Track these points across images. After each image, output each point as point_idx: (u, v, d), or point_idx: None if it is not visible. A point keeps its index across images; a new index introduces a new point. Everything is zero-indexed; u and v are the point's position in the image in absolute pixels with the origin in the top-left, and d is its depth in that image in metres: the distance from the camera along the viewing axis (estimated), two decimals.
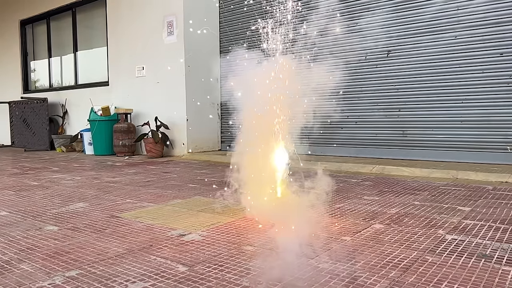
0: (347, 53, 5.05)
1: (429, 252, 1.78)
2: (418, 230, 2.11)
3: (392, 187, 3.33)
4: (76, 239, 2.05)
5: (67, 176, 4.30)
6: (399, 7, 4.73)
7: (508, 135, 4.13)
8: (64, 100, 8.19)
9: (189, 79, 6.13)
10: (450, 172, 3.78)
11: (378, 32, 4.83)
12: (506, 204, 2.67)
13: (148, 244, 1.94)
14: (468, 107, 4.36)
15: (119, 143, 6.41)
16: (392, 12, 4.78)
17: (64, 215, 2.58)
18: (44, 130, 8.04)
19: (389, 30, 4.78)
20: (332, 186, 3.36)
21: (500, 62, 4.16)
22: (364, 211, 2.55)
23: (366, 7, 4.94)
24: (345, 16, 5.06)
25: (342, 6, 5.07)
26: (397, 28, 4.74)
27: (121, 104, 6.94)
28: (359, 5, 4.99)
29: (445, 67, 4.47)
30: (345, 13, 5.07)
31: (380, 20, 4.83)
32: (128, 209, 2.73)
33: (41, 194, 3.29)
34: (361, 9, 4.96)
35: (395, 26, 4.74)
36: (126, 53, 6.96)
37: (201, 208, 2.69)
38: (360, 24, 4.93)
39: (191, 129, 6.15)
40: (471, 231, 2.08)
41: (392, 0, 4.78)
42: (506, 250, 1.79)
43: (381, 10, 4.84)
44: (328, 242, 1.93)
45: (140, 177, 4.18)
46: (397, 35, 4.74)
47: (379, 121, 4.97)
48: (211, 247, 1.89)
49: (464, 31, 4.33)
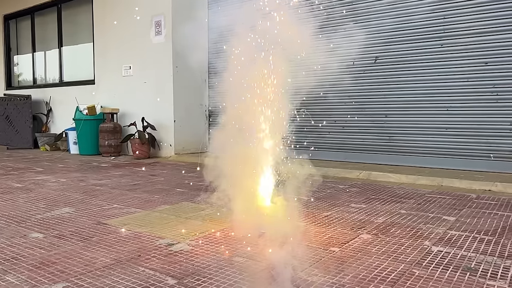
0: (335, 58, 5.08)
1: (416, 264, 1.81)
2: (405, 241, 2.14)
3: (379, 195, 3.37)
4: (62, 247, 2.01)
5: (52, 178, 4.23)
6: (387, 13, 4.77)
7: (492, 143, 4.22)
8: (49, 97, 8.04)
9: (177, 79, 6.09)
10: (436, 180, 3.84)
11: (366, 38, 4.87)
12: (489, 214, 2.72)
13: (136, 254, 1.92)
14: (453, 114, 4.44)
15: (105, 143, 6.33)
16: (380, 19, 4.82)
17: (50, 221, 2.54)
18: (28, 128, 7.88)
19: (377, 36, 4.82)
20: (320, 192, 3.40)
21: (484, 71, 4.24)
22: (352, 220, 2.57)
23: (355, 13, 4.97)
24: (333, 21, 5.09)
25: (330, 11, 5.10)
26: (385, 34, 4.78)
27: (107, 103, 6.85)
28: (347, 11, 5.02)
29: (431, 74, 4.54)
30: (332, 18, 5.10)
31: (368, 26, 4.87)
32: (115, 215, 2.70)
33: (25, 198, 3.23)
34: (349, 15, 5.00)
35: (383, 32, 4.79)
36: (113, 52, 6.87)
37: (189, 215, 2.68)
38: (348, 30, 4.97)
39: (178, 130, 6.11)
40: (456, 242, 2.12)
41: (381, 7, 4.83)
42: (490, 264, 1.83)
43: (370, 17, 4.88)
44: (317, 253, 1.94)
45: (126, 180, 4.14)
46: (385, 42, 4.79)
47: (366, 127, 5.02)
48: (200, 258, 1.88)
49: (450, 39, 4.40)
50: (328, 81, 4.97)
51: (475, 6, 4.25)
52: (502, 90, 4.16)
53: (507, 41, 4.10)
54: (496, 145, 4.21)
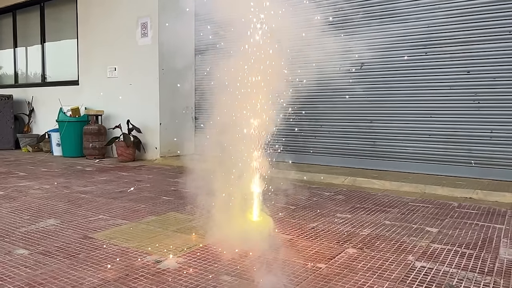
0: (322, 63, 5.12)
1: (400, 282, 1.85)
2: (389, 255, 2.19)
3: (364, 203, 3.43)
4: (49, 266, 2.00)
5: (35, 184, 4.17)
6: (374, 20, 4.82)
7: (473, 150, 4.32)
8: (31, 97, 7.89)
9: (163, 82, 6.04)
10: (419, 186, 3.92)
11: (353, 45, 4.91)
12: (470, 224, 2.80)
13: (124, 273, 1.92)
14: (435, 121, 4.53)
15: (89, 146, 6.26)
16: (366, 26, 4.87)
17: (34, 234, 2.51)
18: (9, 129, 7.72)
19: (364, 42, 4.87)
20: (306, 201, 3.43)
21: (467, 80, 4.34)
22: (337, 232, 2.61)
23: (342, 19, 5.01)
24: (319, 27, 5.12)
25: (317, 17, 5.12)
26: (371, 41, 4.84)
27: (91, 105, 6.76)
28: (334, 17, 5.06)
29: (415, 81, 4.62)
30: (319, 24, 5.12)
31: (354, 32, 4.92)
32: (101, 227, 2.68)
33: (8, 208, 3.18)
34: (336, 21, 5.03)
35: (370, 39, 4.84)
36: (97, 52, 6.77)
37: (176, 228, 2.68)
38: (335, 36, 5.00)
39: (164, 132, 6.07)
40: (439, 257, 2.18)
41: (367, 14, 4.88)
42: (471, 280, 1.88)
43: (356, 23, 4.93)
44: (304, 270, 1.97)
45: (112, 186, 4.10)
46: (371, 48, 4.84)
47: (351, 132, 5.08)
48: (188, 277, 1.89)
49: (435, 48, 4.48)
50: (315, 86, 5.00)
51: (459, 15, 4.33)
52: (483, 98, 4.26)
53: (489, 50, 4.19)
54: (477, 152, 4.31)
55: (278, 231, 2.59)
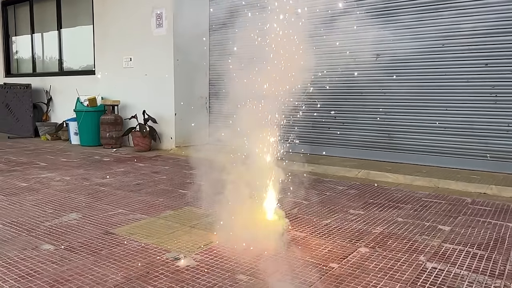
0: (337, 54, 5.09)
1: (411, 284, 1.90)
2: (401, 255, 2.24)
3: (377, 198, 3.46)
4: (74, 262, 2.10)
5: (56, 176, 4.30)
6: (390, 11, 4.76)
7: (489, 143, 4.29)
8: (49, 86, 8.04)
9: (178, 72, 6.09)
10: (432, 181, 3.93)
11: (368, 36, 4.87)
12: (483, 223, 2.82)
13: (144, 271, 2.01)
14: (452, 114, 4.49)
15: (106, 135, 6.39)
16: (383, 16, 4.81)
17: (58, 229, 2.63)
18: (28, 117, 7.90)
19: (380, 34, 4.82)
20: (320, 195, 3.49)
21: (484, 72, 4.28)
22: (350, 229, 2.66)
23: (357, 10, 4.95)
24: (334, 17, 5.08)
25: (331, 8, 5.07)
26: (387, 32, 4.78)
27: (107, 94, 6.86)
28: (349, 7, 5.00)
29: (431, 74, 4.57)
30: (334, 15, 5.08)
31: (370, 23, 4.87)
32: (121, 222, 2.78)
33: (31, 201, 3.31)
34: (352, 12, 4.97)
35: (386, 30, 4.78)
36: (113, 43, 6.84)
37: (193, 223, 2.76)
38: (350, 27, 4.96)
39: (179, 122, 6.15)
40: (450, 258, 2.21)
41: (383, 5, 4.81)
42: (481, 284, 1.92)
43: (372, 14, 4.87)
44: (317, 270, 2.03)
45: (129, 178, 4.21)
46: (387, 39, 4.79)
47: (366, 123, 5.08)
48: (205, 275, 1.97)
49: (452, 39, 4.42)
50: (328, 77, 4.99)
51: (478, 7, 4.25)
52: (501, 91, 4.20)
53: (508, 43, 4.12)
54: (492, 146, 4.28)
55: (292, 228, 2.65)
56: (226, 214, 2.50)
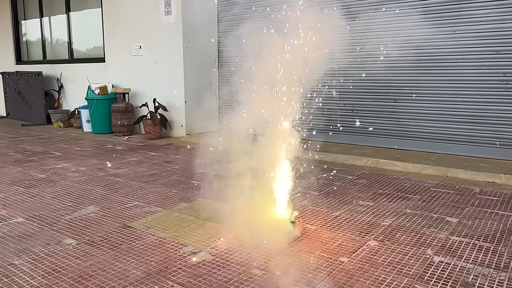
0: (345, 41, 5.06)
1: (418, 279, 1.98)
2: (409, 249, 2.31)
3: (386, 188, 3.52)
4: (96, 257, 2.22)
5: (72, 166, 4.42)
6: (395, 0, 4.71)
7: (499, 131, 4.30)
8: (59, 74, 8.12)
9: (187, 60, 6.12)
10: (441, 170, 3.97)
11: (377, 22, 4.83)
12: (490, 214, 2.88)
13: (163, 266, 2.12)
14: (462, 101, 4.49)
15: (118, 123, 6.48)
16: (391, 2, 4.77)
17: (78, 222, 2.74)
18: (40, 104, 8.03)
19: (388, 20, 4.78)
20: (330, 185, 3.56)
21: (496, 60, 4.25)
22: (360, 222, 2.74)
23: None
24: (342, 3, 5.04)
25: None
26: (395, 19, 4.74)
27: (117, 82, 6.93)
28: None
29: (441, 61, 4.55)
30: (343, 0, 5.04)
31: (379, 10, 4.82)
32: (137, 215, 2.89)
33: (50, 193, 3.43)
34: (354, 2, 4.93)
35: (394, 17, 4.74)
36: (122, 31, 6.85)
37: (207, 216, 2.85)
38: (358, 13, 4.92)
39: (189, 110, 6.22)
40: (457, 251, 2.29)
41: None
42: (486, 277, 2.00)
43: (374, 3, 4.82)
44: (328, 264, 2.12)
45: (143, 168, 4.31)
46: (395, 27, 4.76)
47: (375, 111, 5.09)
48: (221, 270, 2.07)
49: (463, 26, 4.38)
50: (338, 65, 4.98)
51: None
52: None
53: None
54: (502, 133, 4.29)
55: (303, 221, 2.73)
56: (238, 207, 2.58)
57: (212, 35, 6.39)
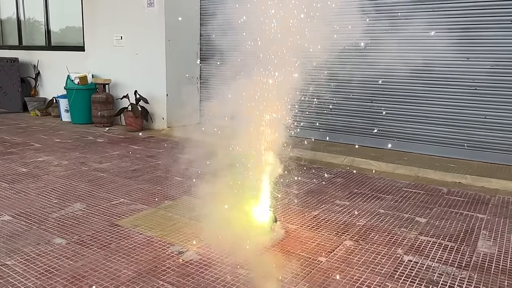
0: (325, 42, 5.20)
1: (389, 277, 2.18)
2: (381, 249, 2.51)
3: (361, 188, 3.72)
4: (87, 257, 2.31)
5: (53, 159, 4.43)
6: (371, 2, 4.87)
7: (467, 133, 4.57)
8: (36, 61, 7.95)
9: (169, 53, 6.13)
10: (413, 170, 4.21)
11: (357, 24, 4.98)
12: (456, 214, 3.11)
13: (153, 265, 2.23)
14: (434, 104, 4.73)
15: (98, 114, 6.46)
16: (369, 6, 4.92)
17: (66, 221, 2.81)
18: (16, 92, 7.86)
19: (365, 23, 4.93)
20: (309, 183, 3.73)
21: (466, 66, 4.49)
22: (337, 221, 2.92)
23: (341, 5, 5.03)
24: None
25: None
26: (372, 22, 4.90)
27: (98, 72, 6.87)
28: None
29: (415, 65, 4.75)
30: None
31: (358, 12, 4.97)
32: (124, 213, 2.98)
33: (34, 189, 3.46)
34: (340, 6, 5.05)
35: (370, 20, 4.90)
36: (103, 20, 6.77)
37: (191, 215, 2.97)
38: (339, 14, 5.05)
39: (170, 103, 6.26)
40: (424, 250, 2.50)
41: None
42: (449, 275, 2.21)
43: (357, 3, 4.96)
44: (307, 264, 2.29)
45: (126, 163, 4.37)
46: (374, 29, 4.92)
47: (353, 110, 5.29)
48: (208, 269, 2.21)
49: (436, 32, 4.58)
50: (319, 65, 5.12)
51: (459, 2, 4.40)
52: (480, 85, 4.44)
53: (489, 38, 4.32)
54: (470, 136, 4.56)
55: (284, 220, 2.89)
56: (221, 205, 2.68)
57: (194, 29, 6.41)
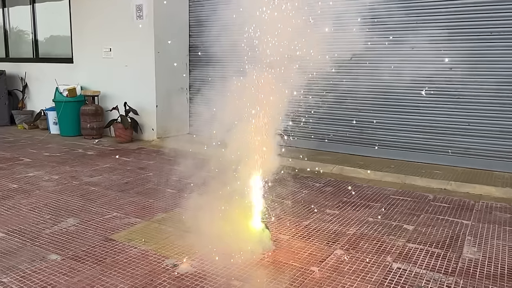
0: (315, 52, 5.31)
1: (379, 285, 2.25)
2: (371, 257, 2.58)
3: (350, 196, 3.81)
4: (83, 273, 2.33)
5: (44, 174, 4.43)
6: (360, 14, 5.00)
7: (450, 140, 4.71)
8: (24, 73, 7.91)
9: (159, 64, 6.18)
10: (400, 177, 4.32)
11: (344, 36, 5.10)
12: (441, 220, 3.21)
13: (149, 279, 2.27)
14: (418, 113, 4.87)
15: (87, 126, 6.46)
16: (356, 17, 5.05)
17: (60, 236, 2.83)
18: (3, 105, 7.80)
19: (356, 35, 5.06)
20: (299, 193, 3.80)
21: (449, 76, 4.64)
22: (327, 231, 2.99)
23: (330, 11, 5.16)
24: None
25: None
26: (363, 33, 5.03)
27: (86, 84, 6.87)
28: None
29: (400, 75, 4.89)
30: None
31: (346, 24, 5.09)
32: (118, 227, 3.01)
33: (26, 205, 3.47)
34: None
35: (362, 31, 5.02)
36: (92, 32, 6.79)
37: (185, 227, 3.00)
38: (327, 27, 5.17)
39: (160, 114, 6.29)
40: (412, 257, 2.58)
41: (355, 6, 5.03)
42: (436, 281, 2.30)
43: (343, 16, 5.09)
44: (300, 274, 2.35)
45: (117, 176, 4.39)
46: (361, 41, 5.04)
47: (340, 119, 5.40)
48: (203, 281, 2.25)
49: (420, 44, 4.72)
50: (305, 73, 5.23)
51: (441, 14, 4.56)
52: (462, 94, 4.59)
53: (471, 49, 4.48)
54: (453, 142, 4.70)
55: (276, 231, 2.95)
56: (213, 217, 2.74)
57: (183, 40, 6.48)
